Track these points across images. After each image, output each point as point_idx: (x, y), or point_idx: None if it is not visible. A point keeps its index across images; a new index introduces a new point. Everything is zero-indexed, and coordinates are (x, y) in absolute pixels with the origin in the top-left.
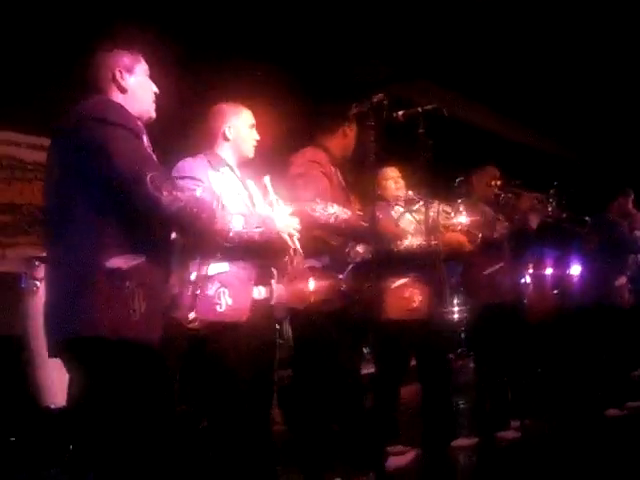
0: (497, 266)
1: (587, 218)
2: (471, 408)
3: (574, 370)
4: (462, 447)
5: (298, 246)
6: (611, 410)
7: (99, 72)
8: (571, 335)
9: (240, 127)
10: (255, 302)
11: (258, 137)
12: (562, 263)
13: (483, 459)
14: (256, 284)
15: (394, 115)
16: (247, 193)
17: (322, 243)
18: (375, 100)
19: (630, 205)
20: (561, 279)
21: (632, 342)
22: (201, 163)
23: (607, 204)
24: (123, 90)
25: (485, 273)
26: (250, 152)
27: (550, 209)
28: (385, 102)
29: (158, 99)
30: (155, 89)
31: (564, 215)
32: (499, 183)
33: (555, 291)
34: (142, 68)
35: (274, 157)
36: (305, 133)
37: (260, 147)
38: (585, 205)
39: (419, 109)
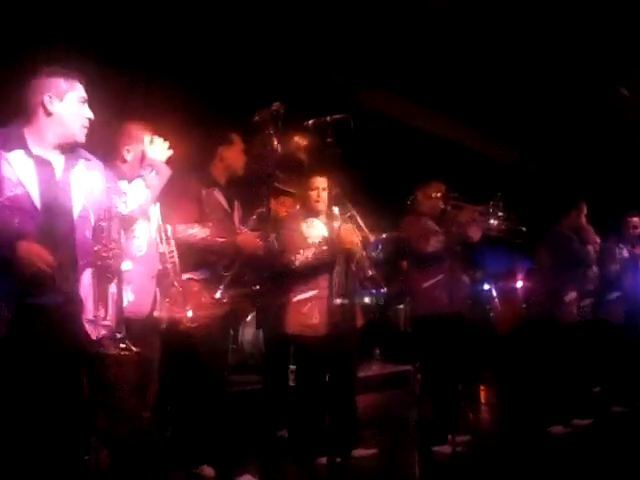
0: (435, 279)
1: (524, 229)
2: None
3: (521, 385)
4: (363, 456)
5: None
6: (555, 427)
7: (30, 95)
8: (521, 349)
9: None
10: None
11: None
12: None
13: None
14: None
15: (304, 124)
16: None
17: (201, 259)
18: (273, 108)
19: (583, 219)
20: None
21: (582, 358)
22: None
23: (560, 217)
24: (48, 114)
25: (424, 286)
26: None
27: (492, 221)
28: (282, 111)
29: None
30: (88, 115)
31: (503, 227)
32: (439, 195)
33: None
34: (74, 95)
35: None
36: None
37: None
38: (538, 218)
39: (328, 118)
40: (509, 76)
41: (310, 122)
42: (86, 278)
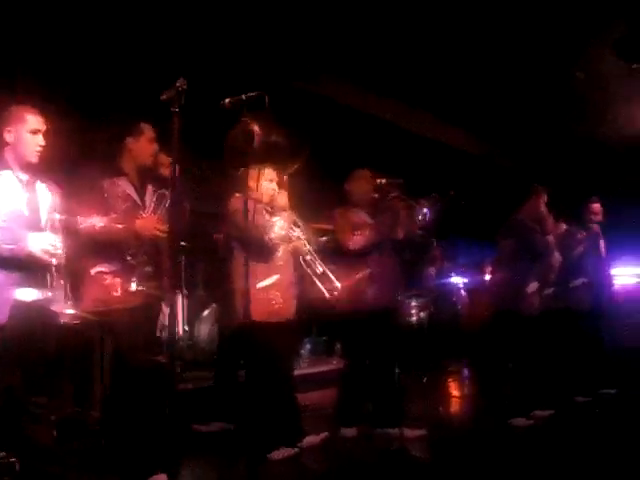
0: (360, 275)
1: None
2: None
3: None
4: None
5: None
6: (517, 419)
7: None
8: (487, 343)
9: (21, 132)
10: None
11: (43, 142)
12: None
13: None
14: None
15: (221, 103)
16: (28, 196)
17: (107, 250)
18: (178, 85)
19: (542, 207)
20: None
21: (545, 349)
22: None
23: (519, 206)
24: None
25: (346, 283)
26: (32, 157)
27: (420, 218)
28: (185, 87)
29: None
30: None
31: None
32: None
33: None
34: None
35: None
36: None
37: None
38: (498, 206)
39: (243, 96)
40: (470, 61)
41: (226, 101)
42: None
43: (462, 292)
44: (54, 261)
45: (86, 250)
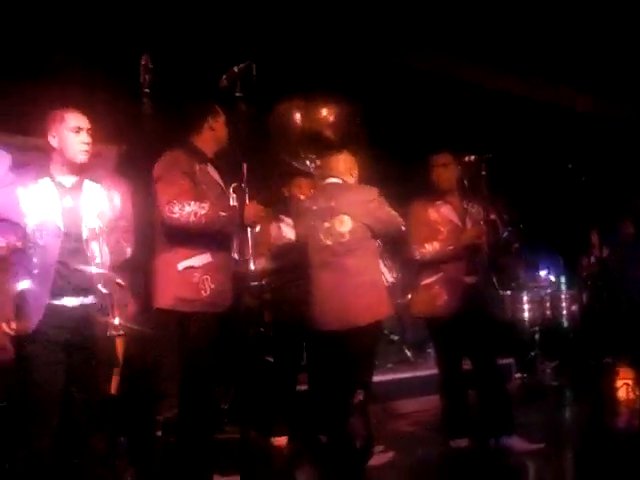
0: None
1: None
2: None
3: None
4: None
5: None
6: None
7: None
8: None
9: (62, 132)
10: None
11: (87, 140)
12: None
13: None
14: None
15: (219, 82)
16: (67, 206)
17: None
18: (237, 69)
19: None
20: None
21: None
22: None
23: None
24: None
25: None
26: (78, 156)
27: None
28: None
29: None
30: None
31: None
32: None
33: None
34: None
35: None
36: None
37: None
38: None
39: (235, 68)
40: None
41: (223, 78)
42: None
43: None
44: (93, 270)
45: (175, 241)
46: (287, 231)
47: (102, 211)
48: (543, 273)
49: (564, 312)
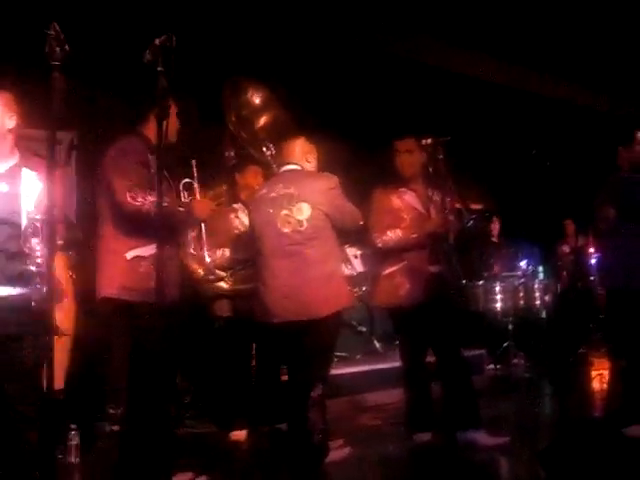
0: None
1: None
2: None
3: None
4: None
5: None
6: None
7: None
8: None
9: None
10: None
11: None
12: None
13: None
14: None
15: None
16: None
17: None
18: (158, 42)
19: None
20: None
21: None
22: None
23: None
24: None
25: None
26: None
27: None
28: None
29: None
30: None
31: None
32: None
33: None
34: None
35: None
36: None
37: None
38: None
39: (156, 41)
40: None
41: (146, 53)
42: None
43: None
44: (33, 268)
45: (124, 230)
46: (245, 220)
47: (39, 199)
48: (523, 263)
49: (537, 302)
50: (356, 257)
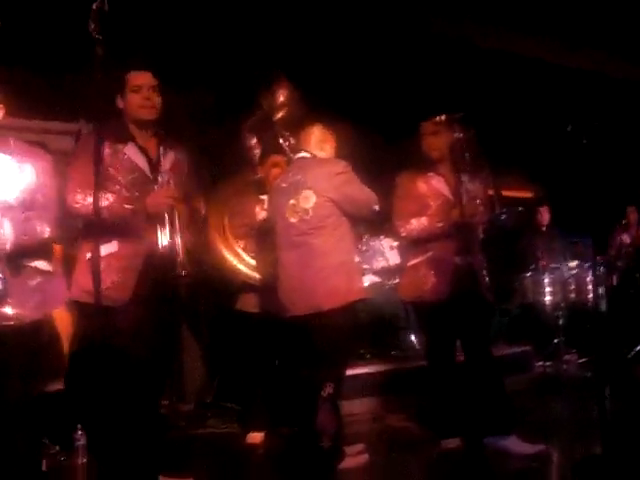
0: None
1: None
2: None
3: None
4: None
5: None
6: None
7: None
8: None
9: None
10: None
11: None
12: None
13: None
14: None
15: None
16: None
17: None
18: (94, 7)
19: None
20: None
21: None
22: None
23: None
24: None
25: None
26: None
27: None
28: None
29: None
30: None
31: None
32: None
33: None
34: None
35: None
36: None
37: None
38: None
39: (93, 5)
40: None
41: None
42: None
43: None
44: None
45: (84, 233)
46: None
47: (10, 184)
48: (573, 264)
49: (590, 295)
50: (392, 248)
